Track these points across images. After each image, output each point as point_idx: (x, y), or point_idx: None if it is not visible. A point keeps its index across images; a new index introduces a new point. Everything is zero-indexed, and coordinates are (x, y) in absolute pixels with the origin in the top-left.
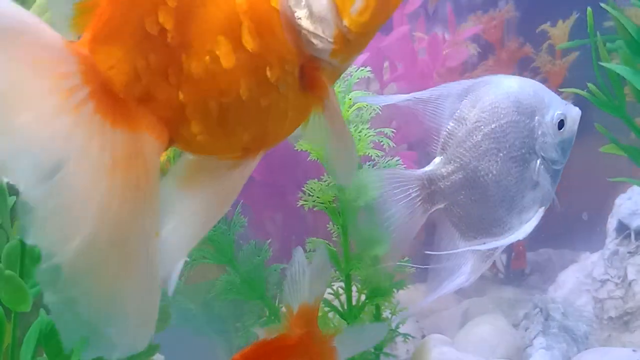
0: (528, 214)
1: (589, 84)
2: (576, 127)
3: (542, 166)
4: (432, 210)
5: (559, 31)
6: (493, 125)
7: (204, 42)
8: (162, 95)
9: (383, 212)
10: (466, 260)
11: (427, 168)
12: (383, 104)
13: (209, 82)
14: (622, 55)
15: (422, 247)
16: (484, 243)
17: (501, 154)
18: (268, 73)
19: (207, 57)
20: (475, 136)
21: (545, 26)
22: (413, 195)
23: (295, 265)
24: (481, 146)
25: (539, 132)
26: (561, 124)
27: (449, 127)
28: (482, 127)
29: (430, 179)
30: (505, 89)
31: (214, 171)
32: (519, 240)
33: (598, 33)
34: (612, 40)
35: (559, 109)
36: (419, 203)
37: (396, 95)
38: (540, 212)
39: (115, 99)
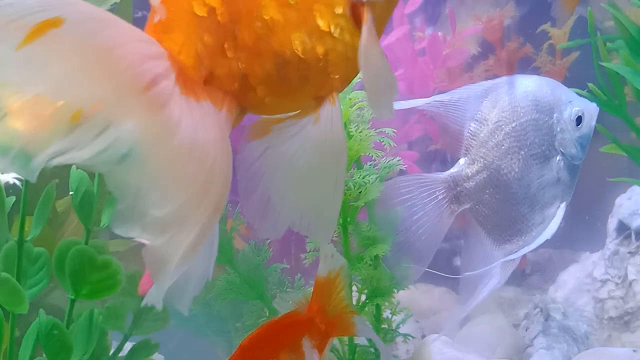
0: (550, 210)
1: (589, 84)
2: (594, 122)
3: (562, 162)
4: (459, 211)
5: (559, 31)
6: (514, 124)
7: (250, 9)
8: (224, 71)
9: (411, 216)
10: (494, 262)
11: (452, 170)
12: (403, 108)
13: (263, 47)
14: (622, 55)
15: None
16: (509, 240)
17: (522, 152)
18: (319, 21)
19: (257, 23)
20: (497, 136)
21: (545, 26)
22: (440, 197)
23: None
24: (503, 145)
25: (558, 129)
26: (579, 120)
27: (471, 128)
28: (503, 126)
29: (455, 180)
30: (524, 88)
31: (294, 128)
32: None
33: (598, 33)
34: (612, 40)
35: (576, 105)
36: (446, 205)
37: (417, 100)
38: (563, 207)
39: (191, 81)
